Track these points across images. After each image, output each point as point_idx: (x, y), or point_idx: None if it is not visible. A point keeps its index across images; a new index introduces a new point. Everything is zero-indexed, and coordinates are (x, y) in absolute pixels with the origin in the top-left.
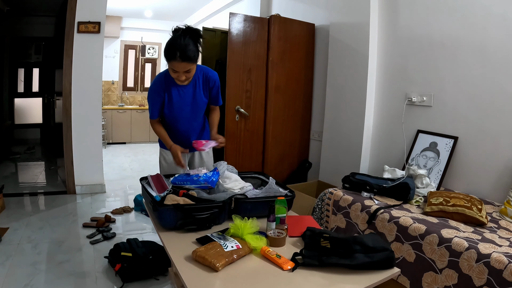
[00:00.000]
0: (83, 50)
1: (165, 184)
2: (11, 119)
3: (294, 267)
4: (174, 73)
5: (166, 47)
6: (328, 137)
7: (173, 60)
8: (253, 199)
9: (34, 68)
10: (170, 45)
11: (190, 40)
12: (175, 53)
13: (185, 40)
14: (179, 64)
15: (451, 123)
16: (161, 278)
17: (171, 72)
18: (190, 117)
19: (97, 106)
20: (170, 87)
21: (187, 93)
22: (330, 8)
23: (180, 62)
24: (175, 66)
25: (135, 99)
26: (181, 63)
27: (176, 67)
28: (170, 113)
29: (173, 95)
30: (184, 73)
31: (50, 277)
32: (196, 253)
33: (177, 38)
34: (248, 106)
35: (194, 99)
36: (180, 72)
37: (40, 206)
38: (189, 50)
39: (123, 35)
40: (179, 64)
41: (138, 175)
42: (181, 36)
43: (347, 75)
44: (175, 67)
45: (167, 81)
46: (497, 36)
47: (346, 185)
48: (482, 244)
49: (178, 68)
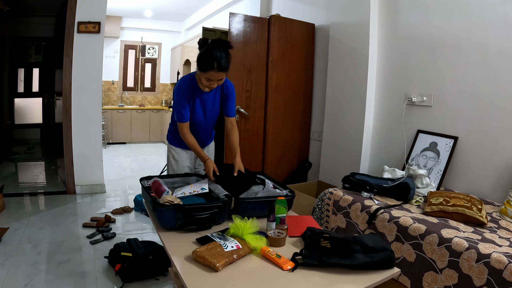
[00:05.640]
0: (83, 50)
1: (163, 188)
2: (11, 119)
3: (294, 267)
4: (207, 81)
5: (203, 58)
6: (328, 137)
7: (210, 70)
8: (253, 199)
9: (34, 68)
10: (207, 56)
11: (223, 52)
12: (213, 64)
13: (221, 52)
14: (216, 74)
15: (451, 123)
16: (161, 278)
17: (204, 80)
18: (207, 122)
19: (97, 106)
20: (194, 93)
21: (208, 100)
22: (330, 8)
23: (217, 72)
24: (212, 76)
25: (135, 99)
26: (218, 73)
27: (213, 77)
28: (192, 118)
29: (196, 101)
30: (217, 81)
31: (50, 277)
32: (196, 253)
33: (213, 49)
34: (248, 106)
35: (213, 106)
36: (214, 80)
37: (40, 206)
38: (226, 62)
39: (123, 35)
40: (216, 74)
41: (138, 175)
42: (216, 48)
43: (347, 75)
44: (212, 76)
45: (192, 86)
46: (497, 36)
47: (346, 185)
48: (482, 244)
49: (215, 77)
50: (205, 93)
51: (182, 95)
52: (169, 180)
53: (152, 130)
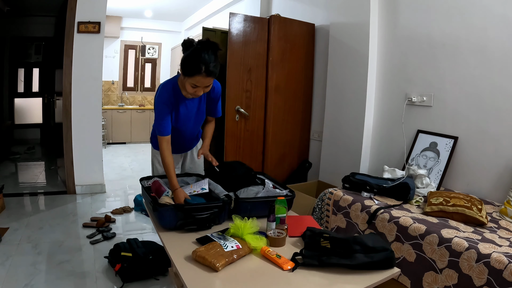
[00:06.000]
0: (83, 50)
1: (163, 188)
2: (11, 119)
3: (294, 267)
4: (192, 88)
5: (188, 61)
6: (328, 137)
7: (197, 75)
8: (253, 199)
9: (34, 68)
10: (194, 59)
11: (212, 55)
12: (200, 68)
13: (209, 54)
14: (203, 79)
15: (451, 123)
16: (161, 278)
17: (189, 87)
18: (192, 127)
19: (97, 106)
20: (178, 101)
21: (193, 106)
22: (330, 8)
23: (205, 77)
24: (198, 81)
25: (135, 99)
26: (206, 78)
27: (199, 82)
28: (175, 125)
29: (180, 108)
30: (204, 88)
31: (50, 277)
32: (196, 253)
33: (200, 51)
34: (248, 106)
35: (198, 111)
36: (201, 87)
37: (40, 206)
38: (214, 66)
39: (123, 35)
40: (204, 79)
41: (138, 175)
42: (204, 50)
43: (347, 75)
44: (197, 82)
45: (175, 94)
46: (497, 36)
47: (346, 185)
48: (482, 244)
49: (201, 83)
50: (189, 99)
51: (164, 105)
52: None
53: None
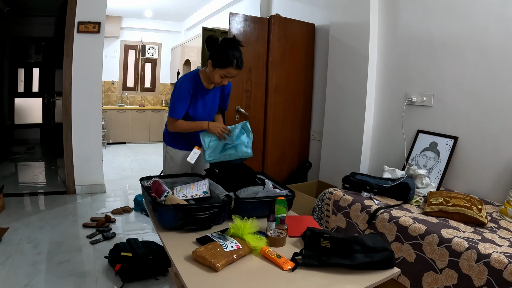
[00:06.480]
0: (83, 50)
1: (164, 188)
2: (11, 119)
3: (294, 267)
4: (220, 78)
5: (221, 55)
6: (328, 137)
7: (230, 67)
8: (253, 199)
9: (34, 68)
10: (226, 53)
11: (240, 51)
12: (233, 61)
13: (238, 50)
14: (233, 71)
15: (451, 123)
16: (161, 278)
17: (218, 77)
18: (207, 118)
19: (97, 106)
20: (197, 93)
21: (210, 97)
22: (330, 8)
23: (235, 69)
24: (229, 73)
25: (135, 99)
26: (235, 70)
27: (230, 73)
28: (193, 114)
29: (199, 97)
30: (230, 78)
31: (50, 277)
32: (196, 253)
33: (231, 46)
34: (248, 106)
35: (213, 103)
36: (228, 77)
37: (40, 206)
38: (242, 60)
39: (123, 35)
40: (234, 71)
41: (138, 175)
42: (233, 46)
43: (347, 75)
44: (229, 73)
45: (196, 84)
46: (497, 36)
47: (346, 185)
48: (482, 244)
49: (231, 74)
50: (206, 92)
51: (186, 91)
52: (169, 180)
53: (152, 130)
